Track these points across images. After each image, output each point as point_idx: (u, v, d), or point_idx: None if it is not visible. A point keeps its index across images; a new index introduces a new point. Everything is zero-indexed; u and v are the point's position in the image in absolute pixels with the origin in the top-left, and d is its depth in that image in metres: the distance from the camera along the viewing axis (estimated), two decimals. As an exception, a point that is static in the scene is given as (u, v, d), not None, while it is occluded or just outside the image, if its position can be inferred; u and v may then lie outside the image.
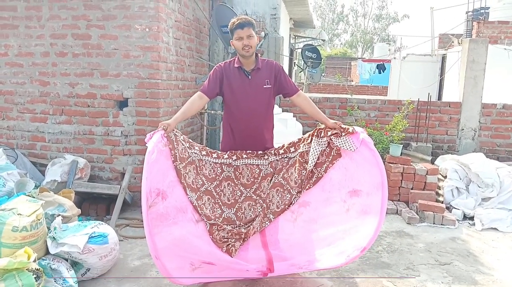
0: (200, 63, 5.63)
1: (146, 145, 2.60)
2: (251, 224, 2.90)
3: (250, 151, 3.06)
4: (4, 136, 4.58)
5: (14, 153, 4.33)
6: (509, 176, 4.69)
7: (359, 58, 30.04)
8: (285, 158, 3.06)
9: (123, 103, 4.34)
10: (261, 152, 3.08)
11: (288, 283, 3.02)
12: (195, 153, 2.93)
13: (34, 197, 3.09)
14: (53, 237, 2.79)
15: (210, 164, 2.99)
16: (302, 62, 10.89)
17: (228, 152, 3.06)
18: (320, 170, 2.93)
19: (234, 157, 3.03)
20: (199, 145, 3.04)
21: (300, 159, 2.98)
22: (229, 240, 2.81)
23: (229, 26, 2.94)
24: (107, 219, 3.98)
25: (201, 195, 2.87)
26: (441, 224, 4.32)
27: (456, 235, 4.09)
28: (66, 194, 3.51)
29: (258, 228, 2.91)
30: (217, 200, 2.94)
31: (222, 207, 2.94)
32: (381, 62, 18.43)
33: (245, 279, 3.00)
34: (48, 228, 2.88)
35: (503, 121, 5.92)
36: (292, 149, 3.05)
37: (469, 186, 4.81)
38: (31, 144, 4.54)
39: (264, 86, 3.00)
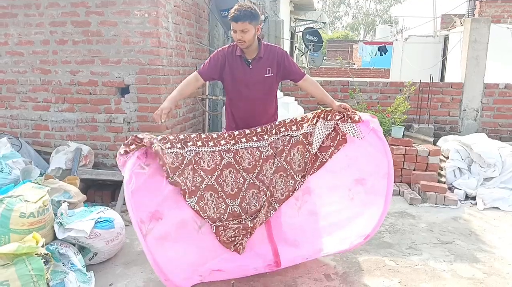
0: (200, 48, 5.61)
1: (122, 173, 2.43)
2: (256, 216, 2.84)
3: (249, 131, 2.92)
4: (8, 125, 4.61)
5: (18, 142, 4.36)
6: (511, 156, 4.70)
7: (361, 41, 29.76)
8: (286, 136, 2.94)
9: (124, 90, 4.35)
10: (260, 129, 2.93)
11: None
12: (190, 150, 2.74)
13: (40, 184, 3.14)
14: (60, 223, 2.84)
15: (208, 155, 2.82)
16: (303, 45, 10.81)
17: (226, 134, 2.90)
18: (325, 154, 2.90)
19: (232, 141, 2.89)
20: (193, 135, 2.84)
21: (303, 139, 2.92)
22: (237, 238, 2.78)
23: (228, 15, 2.87)
24: (112, 205, 4.03)
25: (202, 193, 2.73)
26: (443, 204, 4.35)
27: (458, 214, 4.13)
28: (71, 181, 3.56)
29: (264, 219, 2.86)
30: (220, 193, 2.81)
31: (226, 200, 2.81)
32: (383, 45, 18.26)
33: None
34: (55, 214, 2.93)
35: (505, 101, 5.90)
36: (293, 127, 2.94)
37: (471, 166, 4.83)
38: (35, 132, 4.57)
39: (265, 75, 2.94)
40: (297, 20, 12.22)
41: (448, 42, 10.91)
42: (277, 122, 2.99)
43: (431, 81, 5.97)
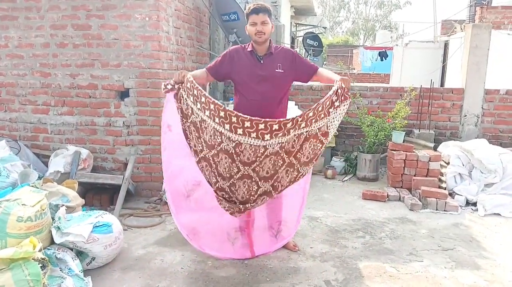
0: (200, 52, 5.60)
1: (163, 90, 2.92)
2: (250, 205, 2.90)
3: (264, 126, 2.60)
4: (7, 128, 4.59)
5: (17, 145, 4.34)
6: (512, 162, 4.68)
7: (361, 46, 29.81)
8: (305, 132, 2.76)
9: (124, 94, 4.34)
10: (277, 127, 2.62)
11: (292, 270, 3.04)
12: (197, 112, 2.76)
13: (38, 188, 3.11)
14: (58, 227, 2.81)
15: (211, 129, 2.70)
16: (304, 50, 10.82)
17: (235, 118, 2.60)
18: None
19: (240, 131, 2.62)
20: (205, 98, 2.69)
21: (318, 131, 2.82)
22: (230, 210, 2.94)
23: (245, 12, 2.99)
24: (111, 209, 4.00)
25: (200, 160, 2.89)
26: (444, 210, 4.32)
27: (459, 220, 4.10)
28: (69, 185, 3.52)
29: (260, 204, 2.94)
30: (214, 169, 2.83)
31: (217, 177, 2.85)
32: (383, 50, 18.29)
33: (246, 258, 3.15)
34: (53, 218, 2.90)
35: (506, 107, 5.88)
36: (313, 120, 2.77)
37: (472, 172, 4.80)
38: (34, 136, 4.55)
39: (276, 70, 3.00)
40: (297, 25, 12.25)
41: (448, 48, 10.93)
42: (299, 118, 2.70)
43: (431, 86, 5.95)
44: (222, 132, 2.66)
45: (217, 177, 2.85)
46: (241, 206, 2.89)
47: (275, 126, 2.62)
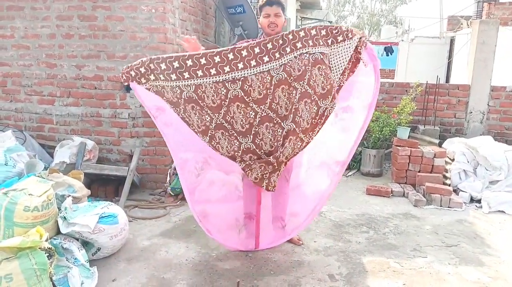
0: (206, 45, 5.58)
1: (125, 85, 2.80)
2: (280, 152, 2.68)
3: (259, 49, 2.56)
4: (12, 119, 4.60)
5: (23, 135, 4.36)
6: (517, 159, 4.66)
7: (367, 40, 29.59)
8: (305, 53, 2.61)
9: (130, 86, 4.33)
10: (271, 45, 2.58)
11: (296, 263, 3.05)
12: (188, 85, 2.57)
13: (44, 178, 3.12)
14: (64, 217, 2.83)
15: (211, 87, 2.57)
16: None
17: (231, 54, 2.54)
18: (342, 78, 2.71)
19: (240, 65, 2.55)
20: (189, 62, 2.54)
21: (324, 58, 2.64)
22: (264, 175, 2.75)
23: (258, 4, 2.98)
24: (116, 201, 4.01)
25: (213, 133, 2.67)
26: (448, 207, 4.32)
27: (463, 217, 4.10)
28: (75, 175, 3.54)
29: (291, 152, 2.70)
30: (231, 131, 2.67)
31: (238, 138, 2.68)
32: (389, 45, 18.17)
33: (249, 249, 3.17)
34: (59, 208, 2.92)
35: (512, 104, 5.85)
36: (310, 42, 2.62)
37: (477, 169, 4.79)
38: (39, 126, 4.57)
39: None
40: (303, 19, 12.19)
41: (454, 44, 10.87)
42: (290, 36, 2.60)
43: (437, 82, 5.92)
44: (224, 79, 2.56)
45: (238, 137, 2.68)
46: (270, 158, 2.69)
47: (269, 45, 2.57)
